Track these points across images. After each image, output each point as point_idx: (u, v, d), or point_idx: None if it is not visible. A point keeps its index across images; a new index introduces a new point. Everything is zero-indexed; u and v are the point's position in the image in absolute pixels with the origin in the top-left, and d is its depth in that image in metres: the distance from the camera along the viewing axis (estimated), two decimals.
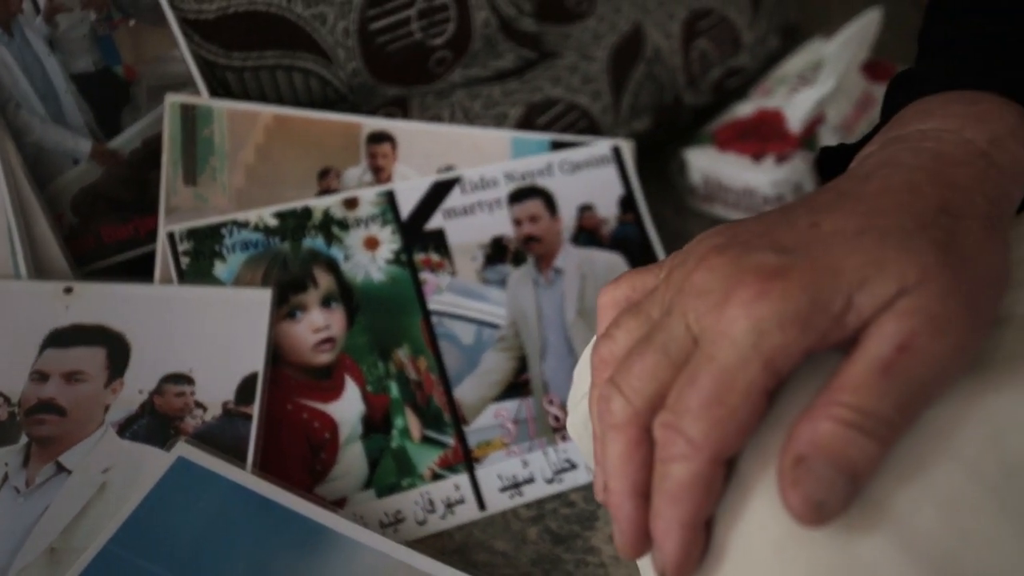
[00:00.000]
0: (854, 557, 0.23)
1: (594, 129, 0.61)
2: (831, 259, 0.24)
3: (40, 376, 0.45)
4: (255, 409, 0.46)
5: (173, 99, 0.50)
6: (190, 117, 0.50)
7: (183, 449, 0.43)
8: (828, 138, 0.62)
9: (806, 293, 0.24)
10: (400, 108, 0.57)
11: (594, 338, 0.30)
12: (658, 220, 0.57)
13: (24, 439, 0.44)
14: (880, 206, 0.26)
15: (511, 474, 0.49)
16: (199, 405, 0.45)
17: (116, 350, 0.46)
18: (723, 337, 0.24)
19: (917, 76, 0.33)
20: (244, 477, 0.43)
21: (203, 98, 0.50)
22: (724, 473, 0.25)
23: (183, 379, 0.46)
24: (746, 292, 0.24)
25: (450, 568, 0.42)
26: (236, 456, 0.44)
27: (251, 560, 0.41)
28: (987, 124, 0.28)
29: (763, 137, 0.62)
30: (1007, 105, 0.28)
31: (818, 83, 0.62)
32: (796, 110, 0.61)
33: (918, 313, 0.23)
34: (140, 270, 0.51)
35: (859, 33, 0.65)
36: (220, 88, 0.52)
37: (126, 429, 0.44)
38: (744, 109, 0.65)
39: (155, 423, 0.45)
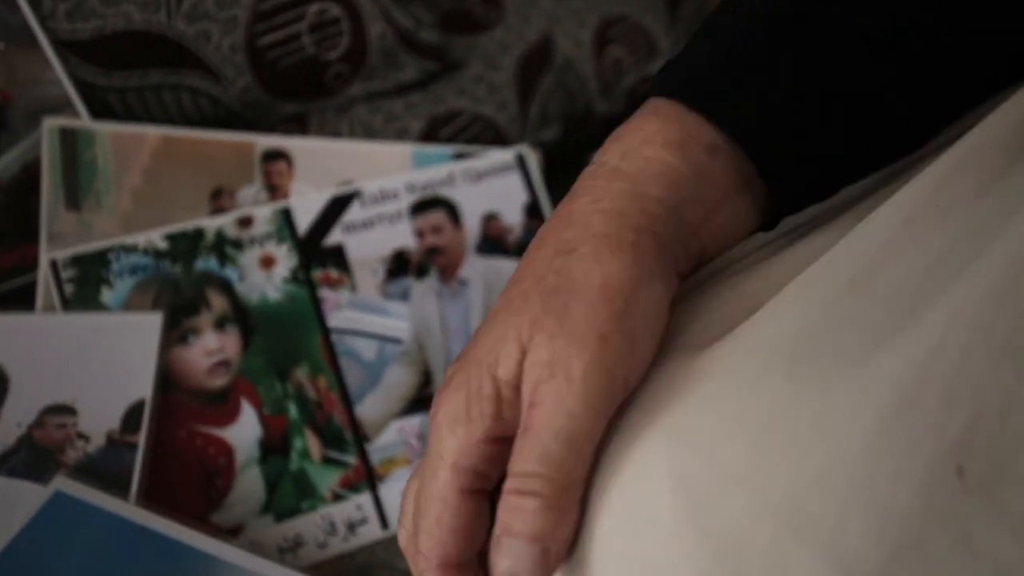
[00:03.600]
0: None
1: (500, 140, 0.60)
2: (476, 350, 0.27)
3: None
4: (141, 437, 0.44)
5: (51, 123, 0.49)
6: (70, 141, 0.49)
7: (61, 483, 0.41)
8: None
9: (461, 391, 0.26)
10: (299, 124, 0.56)
11: None
12: None
13: None
14: (517, 276, 0.28)
15: None
16: (81, 436, 0.44)
17: None
18: (428, 456, 0.27)
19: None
20: (127, 509, 0.41)
21: (83, 121, 0.49)
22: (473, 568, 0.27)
23: (65, 410, 0.44)
24: (435, 409, 0.27)
25: None
26: (121, 487, 0.43)
27: None
28: (624, 140, 0.29)
29: None
30: (667, 108, 0.29)
31: None
32: None
33: (535, 366, 0.25)
34: (29, 298, 0.49)
35: None
36: (102, 110, 0.50)
37: (2, 465, 0.42)
38: None
39: (34, 457, 0.43)
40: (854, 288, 0.26)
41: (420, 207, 0.54)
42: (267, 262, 0.51)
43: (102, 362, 0.45)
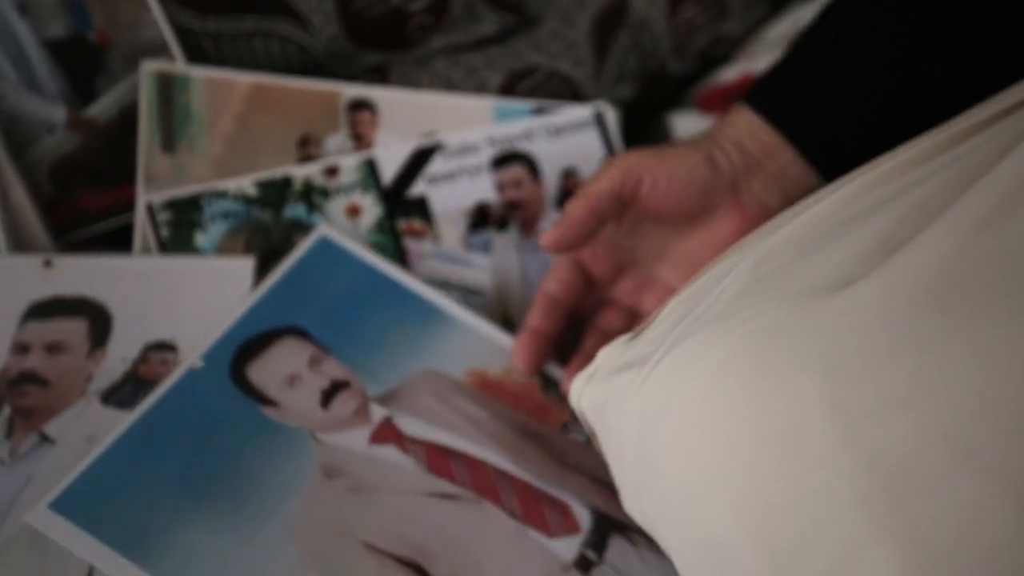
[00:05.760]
0: (956, 500, 0.23)
1: (576, 96, 0.60)
2: None
3: (21, 348, 0.45)
4: None
5: (149, 66, 0.49)
6: (166, 85, 0.50)
7: (324, 230, 0.48)
8: None
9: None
10: (380, 76, 0.57)
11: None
12: None
13: (7, 410, 0.43)
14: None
15: None
16: None
17: (98, 320, 0.46)
18: None
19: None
20: (376, 261, 0.48)
21: (179, 65, 0.50)
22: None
23: (167, 347, 0.46)
24: None
25: None
26: None
27: (377, 330, 0.46)
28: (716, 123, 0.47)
29: None
30: (737, 106, 0.47)
31: None
32: None
33: (626, 158, 0.47)
34: (122, 239, 0.50)
35: None
36: (196, 55, 0.51)
37: (110, 397, 0.44)
38: (728, 73, 0.64)
39: (139, 391, 0.44)
40: (993, 225, 0.26)
41: (500, 161, 0.54)
42: (353, 211, 0.52)
43: (199, 303, 0.47)
